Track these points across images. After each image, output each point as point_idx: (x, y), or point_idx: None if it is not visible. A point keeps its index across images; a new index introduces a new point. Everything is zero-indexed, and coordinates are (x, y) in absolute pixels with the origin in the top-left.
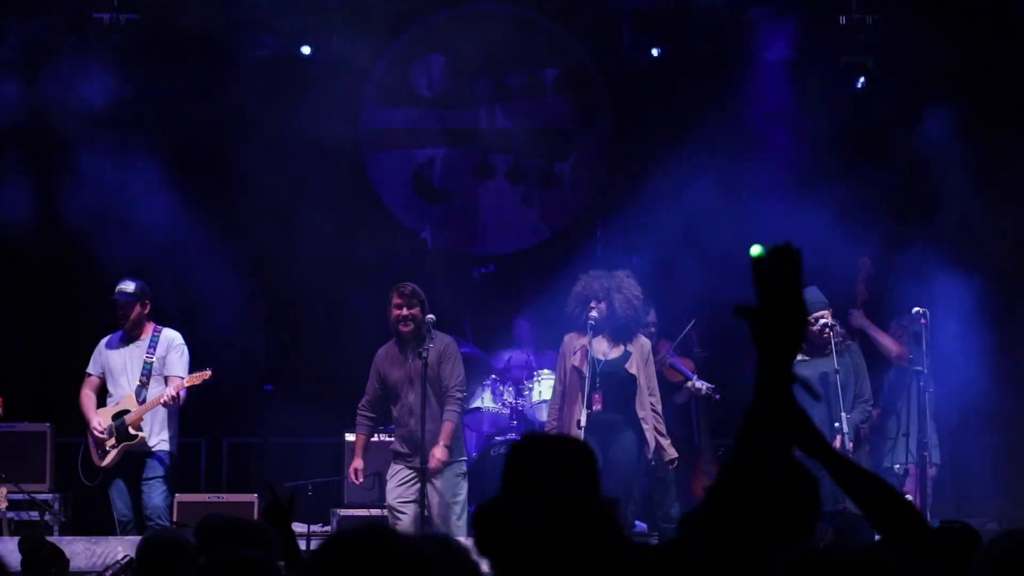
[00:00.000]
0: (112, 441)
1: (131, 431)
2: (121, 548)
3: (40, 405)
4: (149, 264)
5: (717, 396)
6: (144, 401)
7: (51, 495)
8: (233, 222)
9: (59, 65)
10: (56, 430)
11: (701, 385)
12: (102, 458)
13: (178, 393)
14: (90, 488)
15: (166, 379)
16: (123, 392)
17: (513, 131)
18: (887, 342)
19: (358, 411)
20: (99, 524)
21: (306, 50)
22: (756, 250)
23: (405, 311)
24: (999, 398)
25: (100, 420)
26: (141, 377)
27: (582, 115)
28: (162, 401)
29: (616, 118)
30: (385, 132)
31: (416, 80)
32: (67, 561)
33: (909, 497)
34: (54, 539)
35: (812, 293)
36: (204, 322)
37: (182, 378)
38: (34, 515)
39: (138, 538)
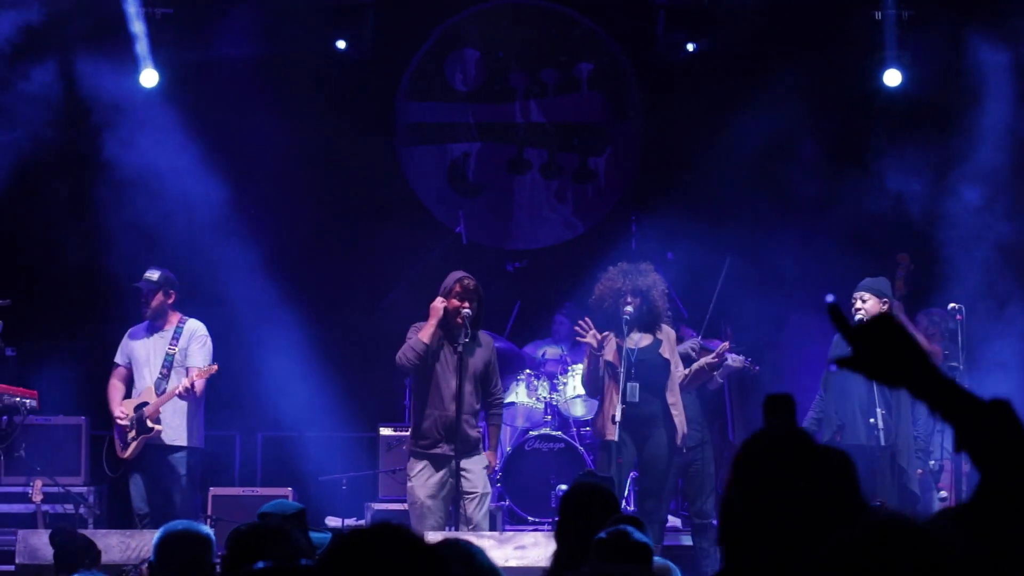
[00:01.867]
0: (133, 433)
1: (148, 424)
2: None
3: (76, 399)
4: (183, 254)
5: (756, 368)
6: (163, 393)
7: (86, 488)
8: (268, 217)
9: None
10: (91, 423)
11: (738, 357)
12: (123, 449)
13: (192, 385)
14: (124, 482)
15: (187, 371)
16: (145, 383)
17: (547, 126)
18: (919, 340)
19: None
20: (132, 518)
21: (341, 44)
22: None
23: (466, 305)
24: None
25: (124, 410)
26: (162, 369)
27: (616, 110)
28: (176, 393)
29: (650, 113)
30: (420, 127)
31: (451, 75)
32: (98, 552)
33: (944, 494)
34: (88, 532)
35: (872, 281)
36: (238, 318)
37: (200, 368)
38: (69, 508)
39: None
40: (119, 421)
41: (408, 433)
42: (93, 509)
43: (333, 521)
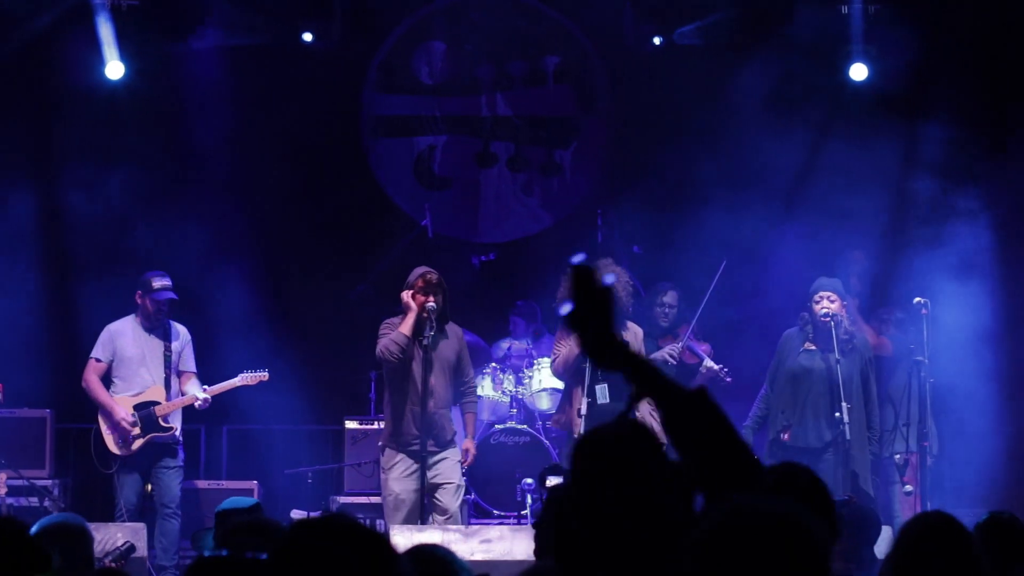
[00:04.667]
0: (137, 430)
1: (162, 423)
2: (121, 534)
3: (40, 391)
4: (148, 247)
5: (728, 379)
6: (172, 394)
7: (51, 481)
8: (234, 209)
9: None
10: (56, 416)
11: (715, 366)
12: (122, 446)
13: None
14: (89, 474)
15: (180, 374)
16: (145, 382)
17: (514, 119)
18: (867, 334)
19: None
20: (99, 510)
21: (307, 37)
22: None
23: (431, 299)
24: (997, 388)
25: (126, 412)
26: (165, 370)
27: (583, 103)
28: (198, 402)
29: (617, 107)
30: (386, 119)
31: (417, 68)
32: None
33: (909, 487)
34: None
35: (833, 282)
36: (204, 310)
37: (195, 373)
38: (34, 501)
39: (139, 525)
40: (123, 423)
41: (376, 426)
42: (58, 502)
43: (299, 514)
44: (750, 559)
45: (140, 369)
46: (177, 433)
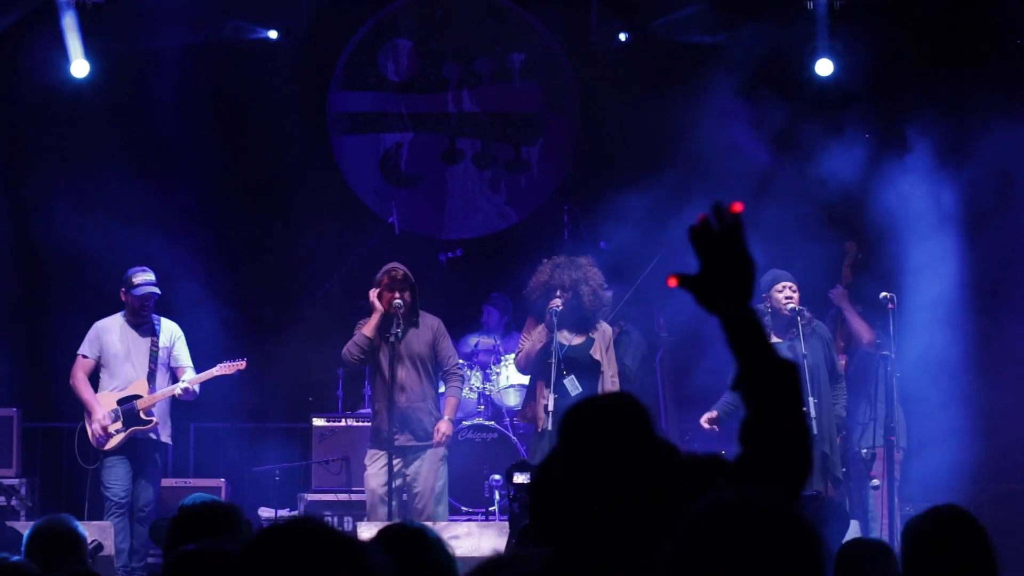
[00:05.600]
0: (118, 425)
1: (143, 416)
2: (88, 533)
3: (6, 390)
4: (114, 245)
5: (664, 333)
6: (156, 388)
7: (17, 480)
8: (200, 207)
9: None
10: (23, 415)
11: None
12: (104, 442)
13: (193, 387)
14: (57, 473)
15: (172, 371)
16: (129, 377)
17: (481, 116)
18: (861, 327)
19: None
20: (66, 510)
21: (273, 34)
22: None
23: (396, 296)
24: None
25: (104, 412)
26: (150, 364)
27: (550, 100)
28: (180, 391)
29: (583, 103)
30: (352, 116)
31: (384, 65)
32: None
33: (876, 482)
34: (21, 524)
35: (773, 273)
36: (170, 305)
37: (190, 367)
38: (1, 501)
39: (107, 523)
40: (98, 425)
41: (344, 423)
42: (25, 501)
43: (266, 512)
44: (745, 557)
45: (125, 364)
46: (167, 437)
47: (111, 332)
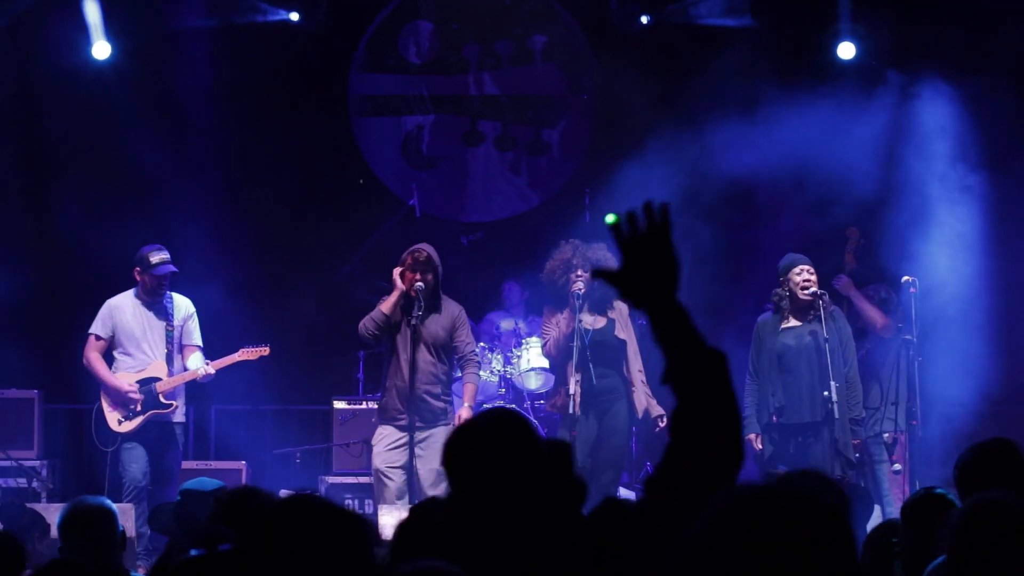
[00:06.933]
0: (139, 407)
1: (163, 399)
2: None
3: (28, 372)
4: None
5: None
6: (174, 370)
7: (39, 462)
8: (221, 189)
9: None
10: (44, 396)
11: None
12: (121, 423)
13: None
14: (78, 455)
15: (182, 348)
16: (146, 358)
17: (501, 98)
18: (873, 313)
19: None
20: (87, 491)
21: (294, 16)
22: (611, 218)
23: (418, 277)
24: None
25: (129, 383)
26: (167, 345)
27: (570, 82)
28: (200, 375)
29: (604, 85)
30: (373, 99)
31: (404, 47)
32: (48, 526)
33: (898, 466)
34: (42, 506)
35: (790, 257)
36: (189, 286)
37: (199, 347)
38: (22, 482)
39: (127, 506)
40: (130, 395)
41: (365, 406)
42: (46, 483)
43: (287, 494)
44: (775, 547)
45: (142, 345)
46: (180, 415)
47: (124, 311)
